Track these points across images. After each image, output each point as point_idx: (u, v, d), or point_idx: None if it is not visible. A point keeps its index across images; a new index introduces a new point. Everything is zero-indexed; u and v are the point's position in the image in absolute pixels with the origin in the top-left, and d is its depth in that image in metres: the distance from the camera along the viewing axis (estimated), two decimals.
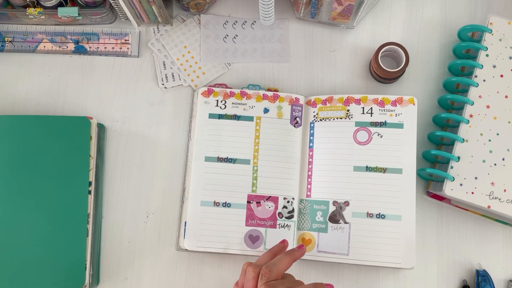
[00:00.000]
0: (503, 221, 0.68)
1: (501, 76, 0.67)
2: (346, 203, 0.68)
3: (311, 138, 0.70)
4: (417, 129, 0.69)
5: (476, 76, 0.67)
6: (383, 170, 0.68)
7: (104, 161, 0.72)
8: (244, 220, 0.68)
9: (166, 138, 0.73)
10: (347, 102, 0.70)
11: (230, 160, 0.69)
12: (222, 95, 0.71)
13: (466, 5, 0.76)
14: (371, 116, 0.69)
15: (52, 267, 0.65)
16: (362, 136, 0.69)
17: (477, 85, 0.67)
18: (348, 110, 0.70)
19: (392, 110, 0.69)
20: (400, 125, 0.69)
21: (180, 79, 0.74)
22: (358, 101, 0.70)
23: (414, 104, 0.69)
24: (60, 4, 0.73)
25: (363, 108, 0.70)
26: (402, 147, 0.68)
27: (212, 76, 0.74)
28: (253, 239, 0.67)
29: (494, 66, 0.67)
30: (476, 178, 0.64)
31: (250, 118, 0.71)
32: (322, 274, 0.69)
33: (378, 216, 0.67)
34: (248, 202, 0.68)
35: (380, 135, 0.69)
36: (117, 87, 0.75)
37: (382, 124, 0.69)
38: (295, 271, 0.69)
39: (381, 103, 0.70)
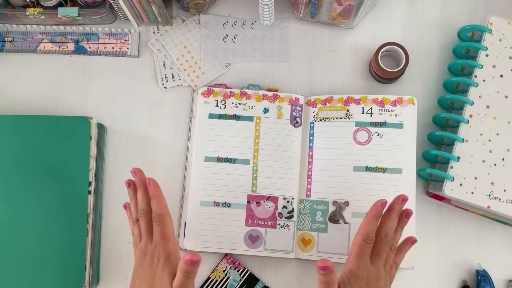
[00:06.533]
0: (503, 221, 0.68)
1: (501, 76, 0.67)
2: (346, 203, 0.68)
3: (311, 138, 0.70)
4: (417, 129, 0.70)
5: (476, 76, 0.67)
6: (383, 170, 0.68)
7: (104, 161, 0.72)
8: (244, 220, 0.68)
9: (166, 138, 0.73)
10: (347, 102, 0.70)
11: (230, 160, 0.69)
12: (222, 95, 0.71)
13: (466, 5, 0.76)
14: (371, 116, 0.69)
15: (52, 267, 0.65)
16: (362, 136, 0.69)
17: (477, 85, 0.67)
18: (348, 110, 0.70)
19: (392, 110, 0.69)
20: (400, 125, 0.69)
21: (180, 79, 0.74)
22: (358, 101, 0.70)
23: (414, 104, 0.69)
24: (60, 4, 0.73)
25: (363, 108, 0.70)
26: (402, 147, 0.68)
27: (212, 76, 0.74)
28: (253, 239, 0.67)
29: (494, 66, 0.67)
30: (476, 178, 0.64)
31: (250, 118, 0.71)
32: None
33: None
34: (248, 202, 0.68)
35: (380, 135, 0.69)
36: (117, 87, 0.75)
37: (382, 124, 0.69)
38: (295, 270, 0.69)
39: (381, 103, 0.70)
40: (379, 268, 0.58)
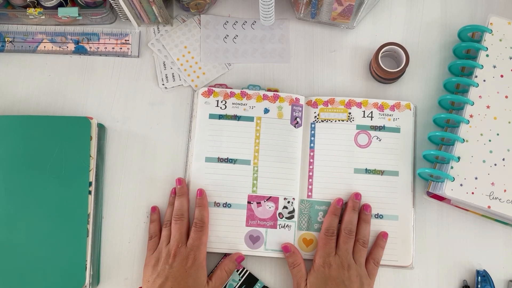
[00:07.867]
0: (503, 221, 0.68)
1: (501, 76, 0.67)
2: (346, 204, 0.68)
3: (312, 138, 0.70)
4: (417, 130, 0.71)
5: (476, 76, 0.67)
6: (381, 172, 0.69)
7: (104, 161, 0.72)
8: (244, 220, 0.68)
9: (166, 138, 0.73)
10: (348, 105, 0.71)
11: (230, 161, 0.69)
12: (222, 96, 0.71)
13: (466, 5, 0.76)
14: (371, 120, 0.70)
15: (52, 267, 0.65)
16: (362, 139, 0.70)
17: (477, 85, 0.67)
18: (349, 113, 0.70)
19: (390, 115, 0.70)
20: (397, 129, 0.70)
21: (180, 79, 0.74)
22: (359, 105, 0.71)
23: (410, 109, 0.70)
24: (60, 4, 0.73)
25: (363, 111, 0.70)
26: (399, 151, 0.69)
27: (213, 76, 0.74)
28: (253, 240, 0.67)
29: (494, 66, 0.67)
30: (476, 178, 0.64)
31: (250, 119, 0.71)
32: None
33: (376, 216, 0.68)
34: (249, 202, 0.68)
35: (379, 139, 0.70)
36: (117, 87, 0.75)
37: (381, 128, 0.70)
38: None
39: (381, 108, 0.70)
40: (344, 258, 0.63)
